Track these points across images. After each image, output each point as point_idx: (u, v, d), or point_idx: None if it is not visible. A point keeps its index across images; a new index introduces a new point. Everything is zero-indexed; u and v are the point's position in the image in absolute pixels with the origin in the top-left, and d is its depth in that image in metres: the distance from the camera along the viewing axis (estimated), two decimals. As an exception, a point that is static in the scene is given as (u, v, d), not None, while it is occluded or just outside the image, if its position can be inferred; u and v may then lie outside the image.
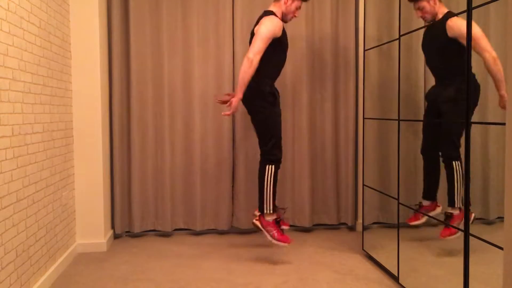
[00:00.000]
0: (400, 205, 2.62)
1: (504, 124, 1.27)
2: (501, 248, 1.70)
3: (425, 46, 2.42)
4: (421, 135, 2.54)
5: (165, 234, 3.66)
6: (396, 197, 2.65)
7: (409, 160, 2.59)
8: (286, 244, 2.94)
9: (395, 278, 2.65)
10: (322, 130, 3.77)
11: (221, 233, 3.72)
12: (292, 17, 3.03)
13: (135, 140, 3.55)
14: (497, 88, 1.92)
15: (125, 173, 3.59)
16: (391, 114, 2.73)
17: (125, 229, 3.60)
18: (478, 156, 1.96)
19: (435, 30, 2.31)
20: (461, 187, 2.13)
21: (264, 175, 2.95)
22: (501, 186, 1.80)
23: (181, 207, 3.66)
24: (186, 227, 3.69)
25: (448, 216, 2.30)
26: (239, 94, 2.81)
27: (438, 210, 2.44)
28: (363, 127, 3.16)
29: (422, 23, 2.40)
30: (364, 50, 3.13)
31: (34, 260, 2.45)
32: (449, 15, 2.18)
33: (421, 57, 2.49)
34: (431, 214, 2.46)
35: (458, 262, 2.02)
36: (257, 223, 2.99)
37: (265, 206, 2.95)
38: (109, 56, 3.49)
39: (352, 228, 3.85)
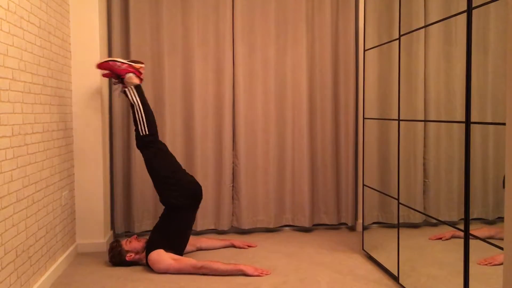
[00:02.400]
0: (400, 205, 2.62)
1: (504, 124, 1.27)
2: (501, 248, 1.70)
3: None
4: (420, 135, 2.53)
5: (165, 234, 3.66)
6: (396, 197, 2.65)
7: (409, 160, 2.59)
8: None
9: (395, 278, 2.65)
10: (322, 130, 3.77)
11: (221, 233, 3.72)
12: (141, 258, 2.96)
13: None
14: None
15: (125, 173, 3.59)
16: (391, 114, 2.73)
17: (125, 229, 3.60)
18: (478, 156, 1.96)
19: None
20: None
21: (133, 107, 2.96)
22: (500, 186, 1.80)
23: (181, 207, 3.65)
24: (186, 227, 3.68)
25: None
26: (243, 268, 2.79)
27: None
28: (363, 127, 3.16)
29: (422, 23, 2.41)
30: (364, 50, 3.13)
31: (34, 260, 2.45)
32: None
33: (421, 57, 2.49)
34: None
35: (458, 262, 2.02)
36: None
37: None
38: (109, 56, 3.49)
39: (352, 228, 3.84)
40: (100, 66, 3.00)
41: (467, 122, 1.94)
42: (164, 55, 3.55)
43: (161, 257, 2.83)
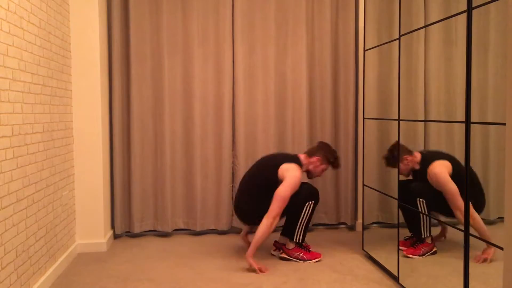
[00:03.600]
0: (400, 205, 2.62)
1: (504, 124, 1.27)
2: (501, 248, 1.70)
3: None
4: (420, 135, 2.53)
5: (165, 234, 3.66)
6: (396, 197, 2.65)
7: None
8: (319, 258, 3.02)
9: (395, 278, 2.65)
10: (322, 130, 3.77)
11: (221, 233, 3.72)
12: (315, 177, 3.10)
13: (135, 140, 3.55)
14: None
15: (125, 173, 3.59)
16: (391, 114, 2.73)
17: (125, 229, 3.60)
18: (478, 156, 1.96)
19: (420, 177, 2.46)
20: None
21: (303, 209, 2.97)
22: (501, 186, 1.80)
23: (181, 208, 3.66)
24: (186, 227, 3.69)
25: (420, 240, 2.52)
26: (250, 253, 2.83)
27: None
28: (363, 127, 3.16)
29: (422, 23, 2.41)
30: (364, 50, 3.13)
31: (34, 260, 2.45)
32: (426, 162, 2.38)
33: (421, 57, 2.49)
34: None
35: (458, 262, 2.02)
36: (284, 255, 3.05)
37: (296, 235, 2.99)
38: (109, 56, 3.49)
39: (352, 228, 3.84)
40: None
41: (467, 122, 1.94)
42: (164, 55, 3.55)
43: (295, 182, 2.87)
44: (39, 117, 2.55)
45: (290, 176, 2.87)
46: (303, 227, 2.99)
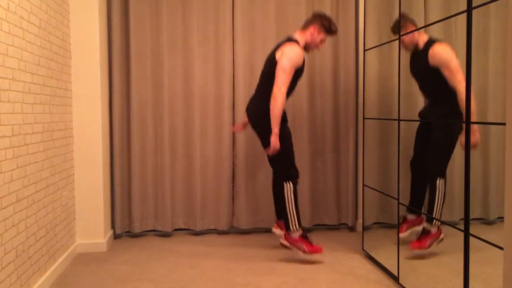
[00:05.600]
0: (400, 205, 2.62)
1: (504, 124, 1.27)
2: (501, 248, 1.70)
3: (413, 72, 2.49)
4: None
5: (165, 234, 3.67)
6: (396, 197, 2.65)
7: (409, 160, 2.59)
8: (319, 254, 2.96)
9: (395, 278, 2.65)
10: (322, 130, 3.77)
11: (221, 233, 3.72)
12: (315, 49, 3.06)
13: (135, 140, 3.55)
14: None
15: (125, 173, 3.59)
16: (391, 114, 2.73)
17: (125, 229, 3.60)
18: (478, 156, 1.96)
19: (419, 57, 2.41)
20: (441, 206, 2.13)
21: (284, 193, 2.94)
22: (501, 186, 1.80)
23: (181, 207, 3.66)
24: (186, 227, 3.69)
25: (425, 232, 2.39)
26: (276, 130, 2.81)
27: (422, 226, 2.46)
28: (363, 127, 3.16)
29: (422, 23, 2.40)
30: (364, 50, 3.13)
31: (34, 260, 2.45)
32: (430, 43, 2.31)
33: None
34: (416, 228, 2.48)
35: (458, 262, 2.02)
36: (285, 242, 3.00)
37: (290, 223, 2.96)
38: (109, 56, 3.49)
39: (352, 228, 3.84)
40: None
41: (467, 122, 1.94)
42: (164, 55, 3.55)
43: (296, 56, 2.84)
44: (39, 117, 2.55)
45: (288, 50, 2.84)
46: (294, 212, 2.94)
